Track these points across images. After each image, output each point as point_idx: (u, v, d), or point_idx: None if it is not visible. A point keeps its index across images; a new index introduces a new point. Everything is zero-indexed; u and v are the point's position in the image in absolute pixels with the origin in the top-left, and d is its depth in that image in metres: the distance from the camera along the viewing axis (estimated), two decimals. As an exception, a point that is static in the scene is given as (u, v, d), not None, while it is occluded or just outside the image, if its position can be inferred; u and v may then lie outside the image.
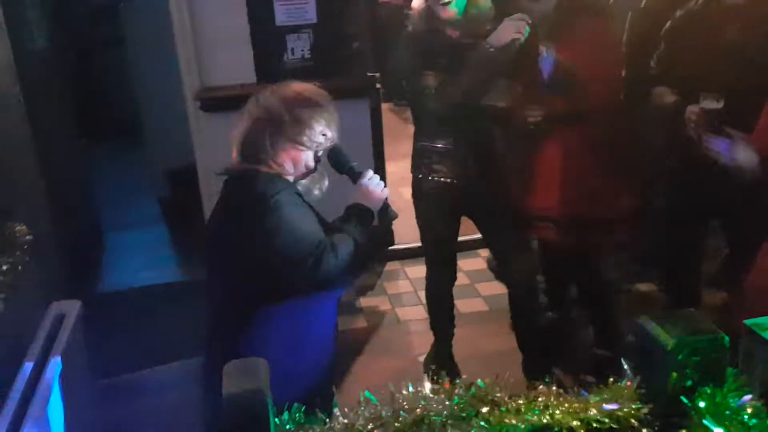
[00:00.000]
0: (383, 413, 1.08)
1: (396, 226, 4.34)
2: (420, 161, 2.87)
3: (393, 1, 6.30)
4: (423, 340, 3.28)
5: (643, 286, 3.69)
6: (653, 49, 2.87)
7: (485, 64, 2.62)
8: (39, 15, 3.88)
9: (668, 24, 2.81)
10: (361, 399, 1.12)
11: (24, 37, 3.40)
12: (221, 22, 3.34)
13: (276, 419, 1.08)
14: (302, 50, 3.37)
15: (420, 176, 2.89)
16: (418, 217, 2.98)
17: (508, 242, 2.87)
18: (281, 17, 3.33)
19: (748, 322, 2.09)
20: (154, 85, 4.69)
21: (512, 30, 2.61)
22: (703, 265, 3.20)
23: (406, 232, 4.13)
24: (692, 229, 2.98)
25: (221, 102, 3.42)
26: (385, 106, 5.56)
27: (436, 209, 2.88)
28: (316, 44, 3.37)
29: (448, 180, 2.78)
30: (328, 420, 1.10)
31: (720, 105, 2.58)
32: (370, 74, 3.79)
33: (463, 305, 3.53)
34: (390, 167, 4.35)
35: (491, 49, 2.61)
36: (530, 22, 2.63)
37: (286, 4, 3.32)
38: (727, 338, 1.08)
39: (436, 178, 2.80)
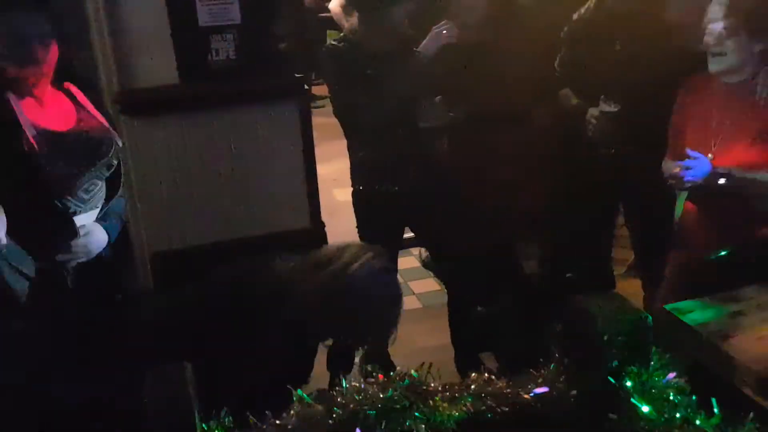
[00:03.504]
0: (316, 411, 1.06)
1: (329, 228, 4.32)
2: (358, 173, 2.86)
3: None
4: (358, 340, 3.27)
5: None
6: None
7: (417, 74, 2.62)
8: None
9: (566, 28, 2.88)
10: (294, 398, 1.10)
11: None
12: (140, 22, 3.24)
13: (204, 425, 1.05)
14: (227, 51, 3.30)
15: (360, 188, 2.88)
16: (360, 228, 2.96)
17: (448, 244, 2.88)
18: (204, 17, 3.25)
19: (668, 306, 2.18)
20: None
21: (443, 35, 2.62)
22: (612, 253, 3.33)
23: (340, 234, 4.10)
24: (597, 219, 3.08)
25: (143, 105, 3.32)
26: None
27: (379, 220, 2.86)
28: (242, 45, 3.30)
29: (389, 189, 2.77)
30: (258, 423, 1.08)
31: (617, 108, 2.70)
32: (297, 75, 3.75)
33: (397, 304, 3.54)
34: (321, 169, 4.32)
35: (423, 59, 2.61)
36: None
37: (208, 4, 3.24)
38: (650, 318, 1.10)
39: (376, 188, 2.79)
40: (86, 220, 2.16)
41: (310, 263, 1.70)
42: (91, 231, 2.12)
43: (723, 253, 2.36)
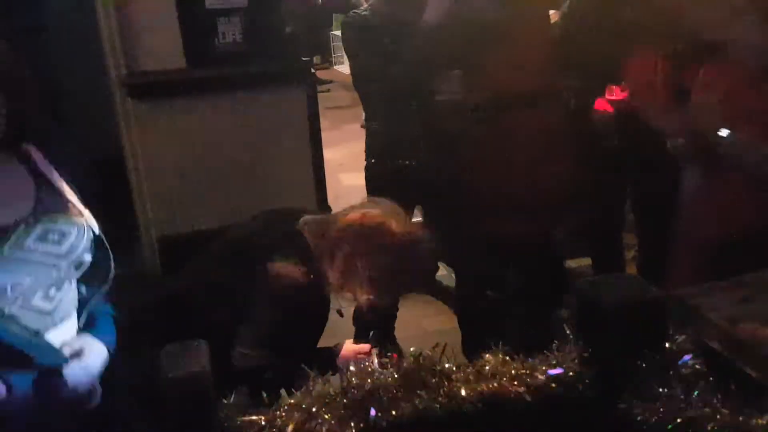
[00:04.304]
0: (331, 391, 1.06)
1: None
2: (373, 145, 2.86)
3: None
4: (366, 324, 3.27)
5: (573, 263, 3.76)
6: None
7: (424, 42, 2.63)
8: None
9: (565, 7, 2.85)
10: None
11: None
12: (147, 5, 3.24)
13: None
14: (233, 34, 3.29)
15: (373, 160, 2.88)
16: None
17: (458, 226, 2.88)
18: (211, 0, 3.24)
19: (677, 291, 2.17)
20: (78, 72, 4.52)
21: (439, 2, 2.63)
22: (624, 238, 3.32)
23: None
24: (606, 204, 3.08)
25: (149, 87, 3.32)
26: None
27: (390, 196, 2.86)
28: (248, 28, 3.29)
29: (401, 164, 2.77)
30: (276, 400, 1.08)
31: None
32: (304, 59, 3.74)
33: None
34: (328, 153, 4.32)
35: (428, 27, 2.62)
36: None
37: (215, -15, 3.23)
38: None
39: (389, 162, 2.79)
40: (60, 337, 1.38)
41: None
42: (84, 348, 1.38)
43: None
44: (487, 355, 1.08)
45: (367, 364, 1.09)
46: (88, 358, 1.37)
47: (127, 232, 4.03)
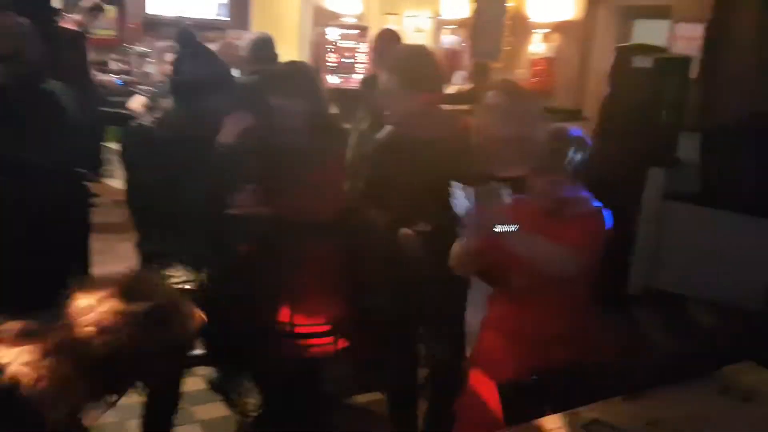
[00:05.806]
0: None
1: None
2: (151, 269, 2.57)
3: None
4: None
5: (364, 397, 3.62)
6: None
7: (219, 161, 2.51)
8: None
9: (370, 151, 2.96)
10: None
11: None
12: None
13: None
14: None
15: None
16: None
17: (246, 357, 2.65)
18: None
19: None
20: None
21: (238, 122, 2.57)
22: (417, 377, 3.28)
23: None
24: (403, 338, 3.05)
25: None
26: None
27: None
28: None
29: (186, 285, 2.53)
30: None
31: (429, 227, 2.75)
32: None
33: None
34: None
35: (222, 149, 2.53)
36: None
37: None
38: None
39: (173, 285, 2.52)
40: None
41: None
42: None
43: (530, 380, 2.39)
44: None
45: None
46: None
47: None
